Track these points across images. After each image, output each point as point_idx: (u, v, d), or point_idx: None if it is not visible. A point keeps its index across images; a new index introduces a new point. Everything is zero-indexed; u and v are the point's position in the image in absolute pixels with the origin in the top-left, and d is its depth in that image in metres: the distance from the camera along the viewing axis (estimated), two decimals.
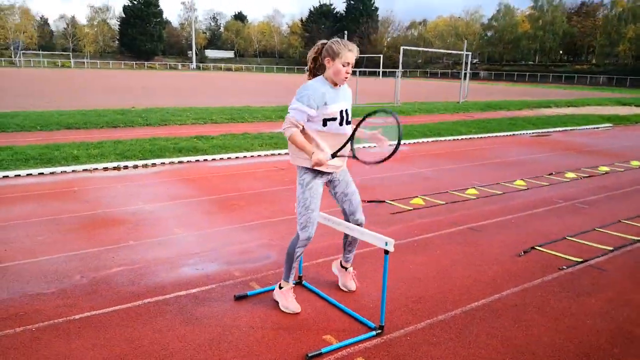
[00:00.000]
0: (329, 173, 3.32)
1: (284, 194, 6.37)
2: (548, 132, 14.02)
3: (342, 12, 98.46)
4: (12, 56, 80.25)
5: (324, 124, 3.17)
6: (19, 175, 7.09)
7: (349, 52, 3.11)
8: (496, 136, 12.79)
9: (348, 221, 3.45)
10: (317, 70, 3.28)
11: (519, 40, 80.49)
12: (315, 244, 4.51)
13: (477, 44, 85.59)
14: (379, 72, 48.93)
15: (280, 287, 3.41)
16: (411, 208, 5.87)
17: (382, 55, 39.11)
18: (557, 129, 14.65)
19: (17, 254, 4.21)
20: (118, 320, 3.18)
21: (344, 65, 3.12)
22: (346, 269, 3.73)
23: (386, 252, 2.97)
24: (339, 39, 3.20)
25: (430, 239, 4.82)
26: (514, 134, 13.24)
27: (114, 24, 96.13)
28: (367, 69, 61.02)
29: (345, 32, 22.19)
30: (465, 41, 26.52)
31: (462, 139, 12.06)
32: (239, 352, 2.85)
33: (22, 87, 27.05)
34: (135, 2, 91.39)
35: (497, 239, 4.86)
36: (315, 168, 3.12)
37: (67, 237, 4.67)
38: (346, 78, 3.17)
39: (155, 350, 2.85)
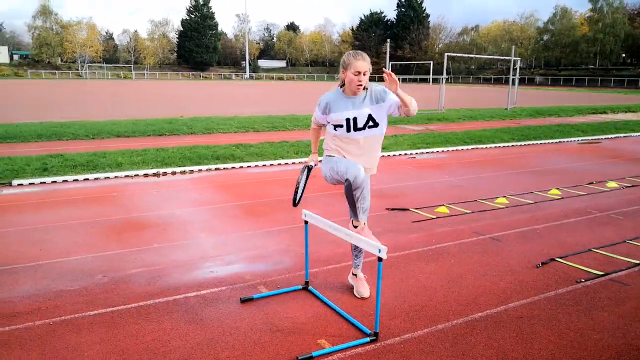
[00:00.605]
0: None
1: (310, 201, 6.47)
2: (598, 139, 13.46)
3: (393, 19, 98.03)
4: (79, 69, 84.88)
5: (335, 129, 3.47)
6: (66, 180, 7.55)
7: (358, 61, 3.29)
8: (540, 144, 12.41)
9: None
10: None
11: (577, 44, 77.32)
12: (326, 250, 4.59)
13: (532, 48, 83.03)
14: (429, 79, 48.43)
15: (354, 224, 3.57)
16: (434, 216, 5.84)
17: (431, 62, 38.61)
18: (609, 135, 14.04)
19: (51, 254, 4.52)
20: (128, 317, 3.37)
21: (355, 74, 3.30)
22: (356, 275, 3.81)
23: (380, 259, 3.01)
24: (351, 52, 3.40)
25: (447, 248, 4.79)
26: (560, 142, 12.80)
27: (173, 37, 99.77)
28: (417, 76, 60.36)
29: (388, 40, 22.14)
30: (514, 46, 25.82)
31: (503, 146, 11.78)
32: (234, 353, 2.96)
33: (82, 98, 28.59)
34: (192, 16, 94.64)
35: (517, 250, 4.77)
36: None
37: (98, 239, 4.96)
38: (359, 86, 3.33)
39: (156, 347, 3.00)
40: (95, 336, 3.11)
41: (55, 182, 7.46)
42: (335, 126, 3.44)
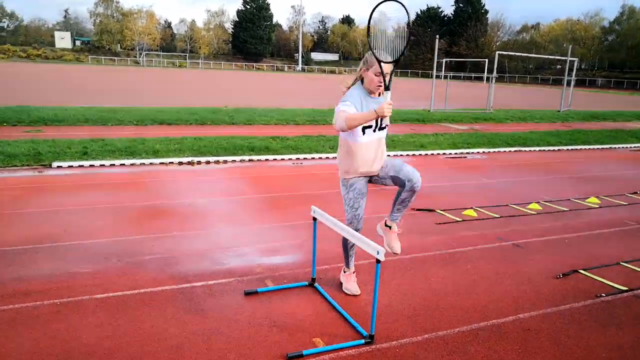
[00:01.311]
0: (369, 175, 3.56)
1: (335, 196, 6.42)
2: None
3: (450, 15, 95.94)
4: (137, 56, 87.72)
5: (363, 131, 3.38)
6: (104, 165, 7.81)
7: (381, 62, 3.24)
8: (589, 149, 11.85)
9: (402, 182, 3.48)
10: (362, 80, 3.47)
11: None
12: (339, 248, 4.53)
13: (595, 49, 79.35)
14: (484, 77, 47.15)
15: (344, 272, 3.81)
16: (460, 219, 5.67)
17: (487, 60, 37.50)
18: None
19: (73, 236, 4.68)
20: (132, 302, 3.44)
21: (376, 75, 3.31)
22: (390, 227, 3.71)
23: (378, 261, 2.94)
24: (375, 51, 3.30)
25: (466, 253, 4.64)
26: (610, 147, 12.18)
27: (228, 27, 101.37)
28: (472, 74, 58.80)
29: (437, 36, 21.64)
30: (571, 46, 24.72)
31: (548, 150, 11.32)
32: (227, 345, 2.97)
33: (134, 85, 29.53)
34: (248, 7, 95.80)
35: (540, 258, 4.56)
36: (388, 113, 3.11)
37: (121, 223, 5.10)
38: (379, 87, 3.35)
39: (153, 334, 3.05)
40: (97, 319, 3.19)
41: (92, 165, 7.72)
42: (365, 128, 3.37)
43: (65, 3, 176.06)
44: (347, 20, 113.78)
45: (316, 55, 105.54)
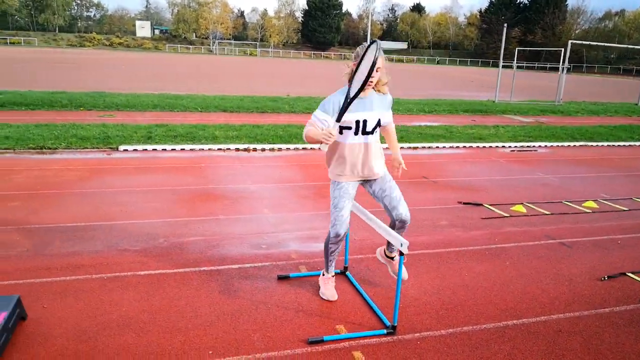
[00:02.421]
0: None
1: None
2: None
3: (526, 1, 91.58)
4: (210, 45, 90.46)
5: (340, 132, 3.20)
6: (165, 149, 8.21)
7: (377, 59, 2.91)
8: None
9: (393, 219, 3.43)
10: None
11: None
12: (379, 238, 4.56)
13: None
14: (559, 67, 44.84)
15: (323, 275, 3.60)
16: (508, 215, 5.52)
17: (562, 50, 35.62)
18: None
19: (128, 215, 5.00)
20: (171, 280, 3.65)
21: None
22: (392, 258, 3.66)
23: (401, 253, 2.96)
24: (367, 43, 3.05)
25: (508, 249, 4.53)
26: None
27: (298, 15, 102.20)
28: (547, 64, 55.97)
29: (505, 25, 20.72)
30: None
31: (617, 145, 10.68)
32: (253, 326, 3.10)
33: (204, 72, 30.52)
34: None
35: (586, 259, 4.38)
36: (325, 141, 2.95)
37: (174, 205, 5.38)
38: (370, 82, 3.07)
39: (185, 311, 3.24)
40: (137, 294, 3.42)
41: (155, 149, 8.14)
42: (343, 128, 3.17)
43: None
44: (418, 8, 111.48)
45: (385, 44, 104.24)
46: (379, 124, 3.23)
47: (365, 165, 3.28)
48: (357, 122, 3.15)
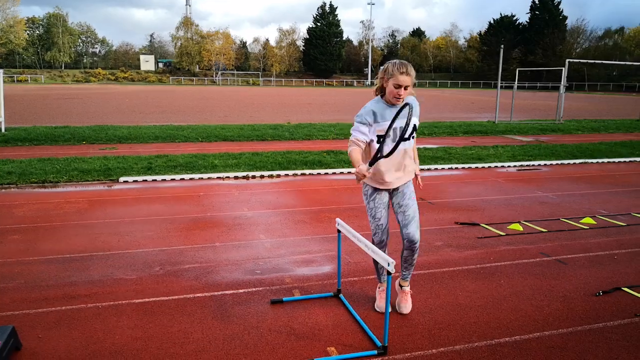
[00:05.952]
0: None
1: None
2: None
3: (525, 23, 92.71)
4: (214, 76, 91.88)
5: (378, 141, 3.35)
6: (165, 179, 8.31)
7: (402, 75, 3.22)
8: None
9: (402, 238, 3.53)
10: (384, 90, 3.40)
11: None
12: (369, 260, 4.58)
13: None
14: (561, 86, 45.07)
15: (379, 288, 3.80)
16: (504, 233, 5.53)
17: (563, 69, 35.89)
18: None
19: (125, 245, 5.05)
20: (165, 308, 3.68)
21: (395, 87, 3.25)
22: (402, 287, 3.73)
23: (388, 272, 2.98)
24: (397, 61, 3.32)
25: (503, 267, 4.54)
26: None
27: (299, 44, 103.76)
28: (549, 83, 56.36)
29: (502, 46, 20.99)
30: None
31: (617, 162, 10.69)
32: (244, 350, 3.12)
33: (205, 103, 30.91)
34: (318, 24, 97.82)
35: (582, 275, 4.37)
36: (357, 177, 3.18)
37: (169, 234, 5.43)
38: (397, 99, 3.29)
39: (178, 337, 3.26)
40: (131, 322, 3.45)
41: (155, 180, 8.24)
42: (380, 137, 3.33)
43: (150, 28, 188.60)
44: (417, 33, 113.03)
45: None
46: (415, 129, 3.40)
47: (398, 174, 3.45)
48: (394, 129, 3.31)
